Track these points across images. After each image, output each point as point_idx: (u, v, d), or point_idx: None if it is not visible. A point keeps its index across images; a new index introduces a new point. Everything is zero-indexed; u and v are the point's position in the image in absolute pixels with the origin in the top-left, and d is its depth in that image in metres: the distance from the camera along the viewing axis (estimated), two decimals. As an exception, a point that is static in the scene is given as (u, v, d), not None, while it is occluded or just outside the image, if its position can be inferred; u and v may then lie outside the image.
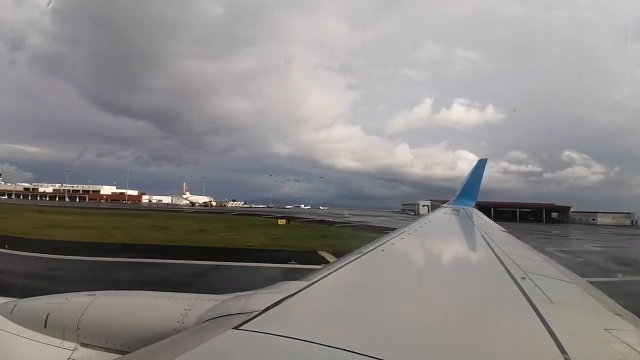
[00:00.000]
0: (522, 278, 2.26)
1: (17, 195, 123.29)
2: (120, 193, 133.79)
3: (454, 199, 10.92)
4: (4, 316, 2.13)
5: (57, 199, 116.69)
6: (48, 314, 2.06)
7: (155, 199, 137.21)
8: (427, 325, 1.52)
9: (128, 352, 1.74)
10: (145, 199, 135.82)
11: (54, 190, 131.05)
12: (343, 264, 2.57)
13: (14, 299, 2.31)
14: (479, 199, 11.08)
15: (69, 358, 1.92)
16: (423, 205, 71.47)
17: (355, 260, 2.74)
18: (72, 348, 1.95)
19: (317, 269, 2.38)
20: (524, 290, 1.98)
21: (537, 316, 1.56)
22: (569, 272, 2.92)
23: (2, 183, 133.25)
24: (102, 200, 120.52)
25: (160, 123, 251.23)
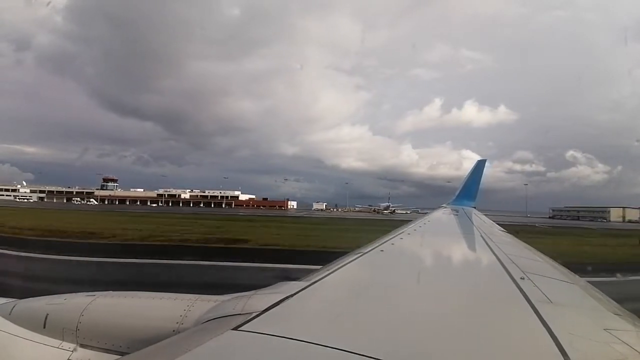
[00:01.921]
0: (521, 278, 2.26)
1: (155, 201, 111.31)
2: (264, 199, 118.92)
3: (453, 199, 10.94)
4: (3, 317, 2.13)
5: (201, 205, 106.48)
6: (47, 314, 2.05)
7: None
8: (426, 325, 1.52)
9: (127, 353, 1.74)
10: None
11: (190, 196, 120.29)
12: (343, 264, 2.57)
13: (14, 299, 2.31)
14: (479, 199, 11.11)
15: (67, 359, 1.92)
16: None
17: (355, 261, 2.74)
18: (71, 349, 1.94)
19: (317, 269, 2.39)
20: (523, 291, 1.98)
21: (536, 316, 1.56)
22: (568, 272, 2.92)
23: (117, 189, 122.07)
24: (261, 207, 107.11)
25: (167, 124, 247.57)
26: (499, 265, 2.78)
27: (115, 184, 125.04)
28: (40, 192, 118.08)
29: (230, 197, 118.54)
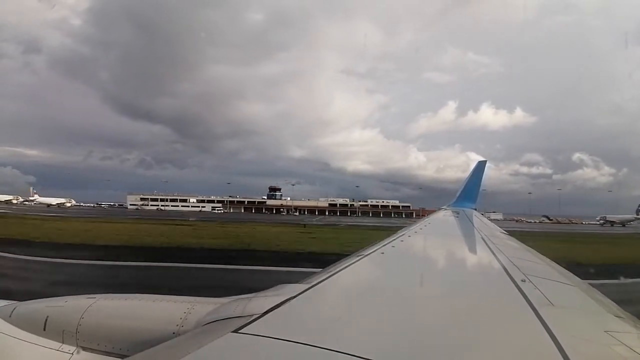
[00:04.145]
0: (522, 280, 2.25)
1: (332, 211, 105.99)
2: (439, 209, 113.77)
3: (454, 201, 10.92)
4: (3, 319, 2.12)
5: (358, 214, 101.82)
6: (47, 317, 2.04)
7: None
8: (427, 328, 1.52)
9: (127, 356, 1.73)
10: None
11: (361, 205, 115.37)
12: (344, 266, 2.56)
13: (14, 301, 2.31)
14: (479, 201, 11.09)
15: None
16: None
17: (356, 263, 2.74)
18: (71, 351, 1.94)
19: (317, 272, 2.38)
20: (524, 293, 1.97)
21: (537, 319, 1.56)
22: (569, 275, 2.91)
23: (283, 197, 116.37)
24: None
25: (177, 127, 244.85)
26: (500, 268, 2.77)
27: (281, 193, 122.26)
28: (208, 202, 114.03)
29: (402, 206, 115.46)
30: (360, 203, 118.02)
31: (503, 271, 2.63)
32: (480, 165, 11.30)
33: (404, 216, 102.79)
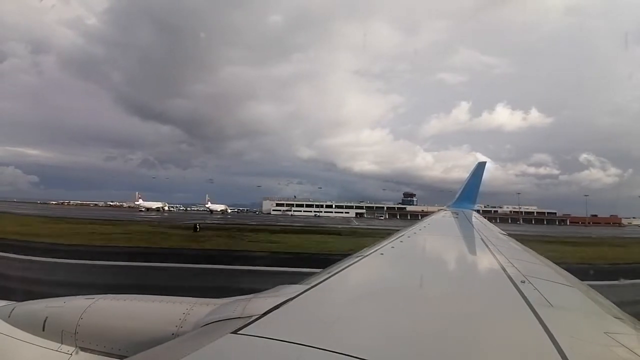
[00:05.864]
0: (521, 281, 2.25)
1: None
2: (593, 215, 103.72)
3: (453, 201, 10.95)
4: (2, 319, 2.12)
5: (519, 221, 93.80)
6: (46, 317, 2.05)
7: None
8: (427, 329, 1.52)
9: (126, 357, 1.73)
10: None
11: (500, 212, 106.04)
12: (343, 267, 2.56)
13: (13, 302, 2.31)
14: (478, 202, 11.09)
15: None
16: None
17: (355, 264, 2.74)
18: (70, 352, 1.94)
19: (317, 272, 2.38)
20: (523, 294, 1.97)
21: (536, 320, 1.56)
22: (569, 276, 2.92)
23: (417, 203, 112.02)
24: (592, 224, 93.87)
25: (187, 127, 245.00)
26: (500, 269, 2.77)
27: (416, 198, 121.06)
28: (347, 207, 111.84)
29: (548, 213, 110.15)
30: (501, 210, 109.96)
31: (502, 272, 2.63)
32: (480, 167, 11.31)
33: (557, 224, 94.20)
